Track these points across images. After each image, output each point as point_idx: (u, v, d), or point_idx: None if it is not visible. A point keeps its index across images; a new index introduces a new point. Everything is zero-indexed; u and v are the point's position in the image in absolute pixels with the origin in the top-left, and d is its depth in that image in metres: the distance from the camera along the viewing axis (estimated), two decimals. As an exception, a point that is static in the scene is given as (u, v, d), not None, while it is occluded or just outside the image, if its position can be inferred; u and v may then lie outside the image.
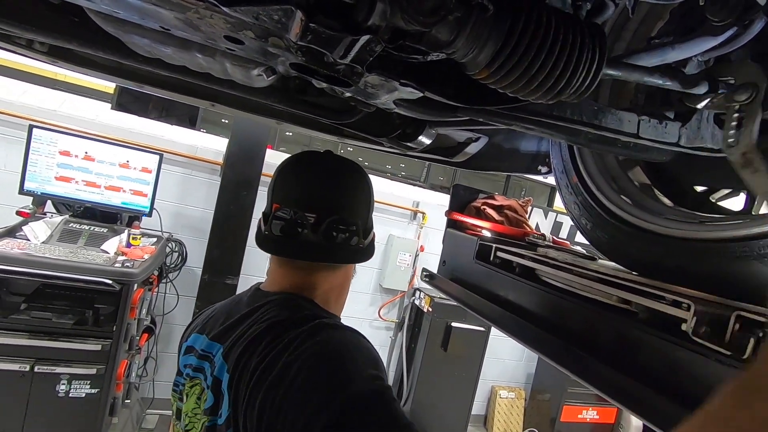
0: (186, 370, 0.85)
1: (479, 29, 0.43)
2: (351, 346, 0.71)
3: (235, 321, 0.81)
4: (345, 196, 0.84)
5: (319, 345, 0.68)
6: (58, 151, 2.49)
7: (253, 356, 0.70)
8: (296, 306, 0.79)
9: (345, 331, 0.75)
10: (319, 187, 0.83)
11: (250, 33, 0.45)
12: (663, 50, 0.68)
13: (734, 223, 0.67)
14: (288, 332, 0.71)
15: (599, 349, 0.76)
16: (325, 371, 0.64)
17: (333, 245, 0.81)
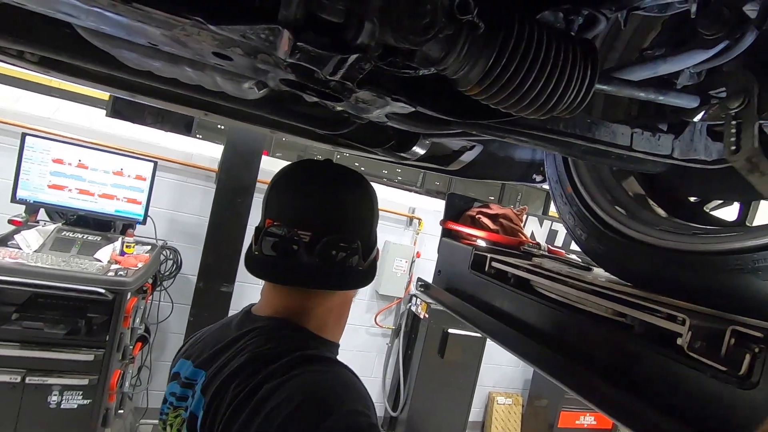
0: (170, 398, 0.79)
1: (470, 47, 0.43)
2: (332, 382, 0.65)
3: (221, 348, 0.75)
4: (344, 211, 0.76)
5: (296, 381, 0.62)
6: (51, 159, 2.47)
7: (228, 393, 0.65)
8: (283, 336, 0.73)
9: (328, 365, 0.68)
10: (316, 202, 0.74)
11: (239, 50, 0.44)
12: (655, 63, 0.69)
13: (727, 236, 0.67)
14: (267, 367, 0.65)
15: (594, 363, 0.76)
16: (302, 406, 0.58)
17: (329, 268, 0.73)
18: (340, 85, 0.49)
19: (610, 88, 0.54)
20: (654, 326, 0.68)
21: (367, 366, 4.03)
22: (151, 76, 0.85)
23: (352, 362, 3.02)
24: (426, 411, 3.74)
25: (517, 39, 0.43)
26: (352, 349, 3.93)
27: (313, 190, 0.76)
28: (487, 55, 0.43)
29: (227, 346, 0.75)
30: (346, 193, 0.77)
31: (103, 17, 0.41)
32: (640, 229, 0.81)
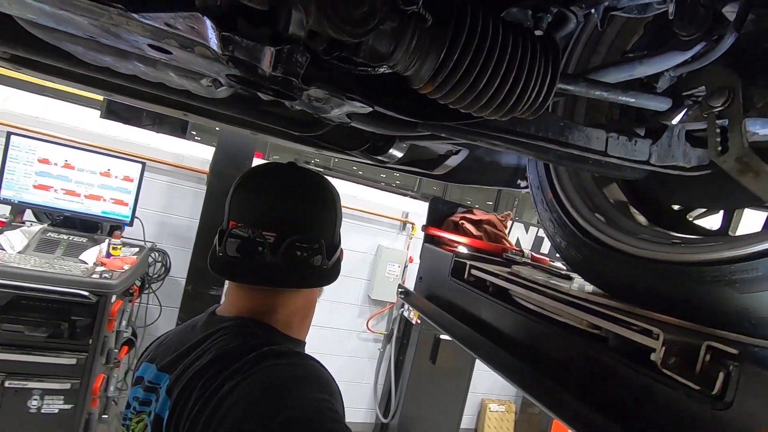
0: (134, 403, 0.79)
1: (419, 41, 0.40)
2: (296, 372, 0.65)
3: (185, 350, 0.75)
4: (308, 212, 0.77)
5: (261, 373, 0.62)
6: (37, 158, 2.44)
7: (193, 392, 0.64)
8: (248, 334, 0.73)
9: (294, 358, 0.69)
10: (280, 204, 0.76)
11: (174, 42, 0.41)
12: (631, 65, 0.66)
13: (705, 246, 0.64)
14: (232, 364, 0.65)
15: (568, 376, 0.72)
16: (264, 396, 0.58)
17: (294, 268, 0.74)
18: (287, 81, 0.46)
19: (574, 89, 0.52)
20: (628, 340, 0.65)
21: (358, 371, 3.98)
22: (119, 76, 0.83)
23: (344, 367, 3.03)
24: (417, 417, 3.70)
25: (469, 33, 0.40)
26: (344, 354, 3.88)
27: (277, 191, 0.77)
28: (436, 50, 0.41)
29: (192, 348, 0.75)
30: (310, 195, 0.79)
31: (24, 4, 0.38)
32: (618, 237, 0.78)
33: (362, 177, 5.58)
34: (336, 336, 3.83)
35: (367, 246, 3.85)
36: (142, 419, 0.75)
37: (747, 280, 0.58)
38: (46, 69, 1.05)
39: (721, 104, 0.61)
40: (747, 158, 0.52)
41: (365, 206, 3.74)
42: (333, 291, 3.74)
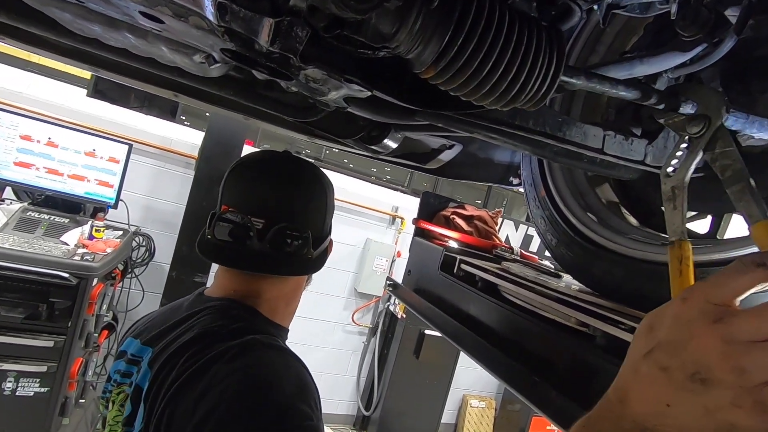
0: (115, 375, 0.80)
1: (423, 22, 0.39)
2: (279, 372, 0.64)
3: (170, 326, 0.76)
4: (297, 202, 0.78)
5: (244, 370, 0.62)
6: (19, 135, 2.36)
7: (175, 367, 0.65)
8: (233, 316, 0.73)
9: (277, 353, 0.68)
10: (270, 191, 0.77)
11: (167, 10, 0.39)
12: (631, 64, 0.66)
13: (694, 248, 0.64)
14: (215, 345, 0.65)
15: (555, 373, 0.73)
16: (247, 403, 0.58)
17: (279, 255, 0.75)
18: (285, 58, 0.45)
19: (577, 81, 0.51)
20: (616, 338, 0.65)
21: (342, 364, 3.98)
22: (108, 49, 0.80)
23: (328, 359, 3.02)
24: (399, 411, 3.72)
25: (475, 18, 0.39)
26: (328, 346, 3.88)
27: (270, 179, 0.78)
28: (441, 33, 0.39)
29: (177, 324, 0.76)
30: (301, 185, 0.80)
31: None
32: (608, 237, 0.78)
33: (353, 170, 5.55)
34: (321, 327, 3.81)
35: (356, 239, 3.84)
36: (123, 390, 0.76)
37: (735, 283, 0.59)
38: (32, 39, 1.01)
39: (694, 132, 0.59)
40: (678, 191, 0.52)
41: (355, 199, 3.73)
42: (319, 283, 3.72)
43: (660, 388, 0.32)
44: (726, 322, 0.29)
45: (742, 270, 0.30)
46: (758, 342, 0.28)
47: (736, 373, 0.28)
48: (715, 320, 0.30)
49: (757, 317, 0.29)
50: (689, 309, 0.32)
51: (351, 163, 6.24)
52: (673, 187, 0.50)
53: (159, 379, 0.65)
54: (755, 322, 0.29)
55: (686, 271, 0.44)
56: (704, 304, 0.31)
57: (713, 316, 0.30)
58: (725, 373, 0.29)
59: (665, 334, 0.33)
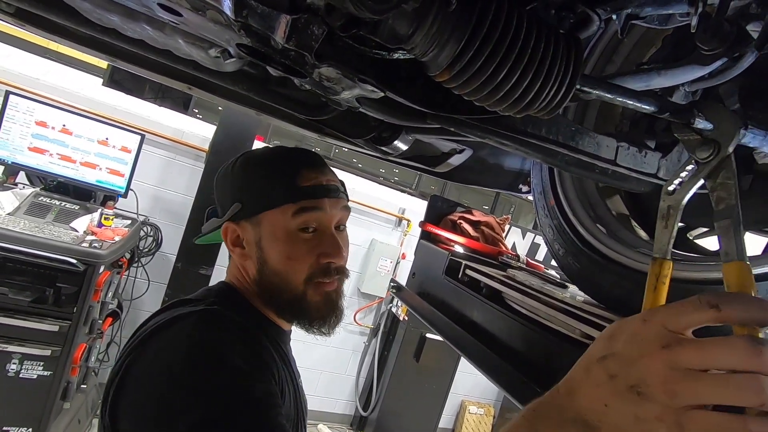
0: None
1: (441, 25, 0.39)
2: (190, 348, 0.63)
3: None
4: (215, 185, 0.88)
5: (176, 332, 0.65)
6: (35, 121, 2.40)
7: (127, 355, 0.67)
8: (211, 288, 0.81)
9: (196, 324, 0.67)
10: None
11: (185, 3, 0.40)
12: (648, 75, 0.65)
13: (704, 265, 0.63)
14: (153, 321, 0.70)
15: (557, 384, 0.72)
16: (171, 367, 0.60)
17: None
18: (300, 56, 0.45)
19: (593, 91, 0.50)
20: (620, 352, 0.64)
21: (342, 363, 3.98)
22: (125, 40, 0.81)
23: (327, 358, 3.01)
24: (396, 413, 3.71)
25: (493, 22, 0.39)
26: (328, 345, 3.88)
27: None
28: (458, 37, 0.39)
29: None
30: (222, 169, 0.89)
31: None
32: (617, 249, 0.77)
33: (362, 170, 5.56)
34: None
35: (361, 239, 3.84)
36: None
37: (745, 302, 0.58)
38: (51, 27, 1.03)
39: (703, 157, 0.58)
40: (673, 211, 0.52)
41: (362, 199, 3.73)
42: (323, 281, 3.72)
43: (603, 391, 0.37)
44: (673, 350, 0.34)
45: (698, 307, 0.34)
46: (694, 371, 0.32)
47: (668, 394, 0.33)
48: (664, 345, 0.34)
49: (699, 350, 0.33)
50: (646, 330, 0.36)
51: (360, 163, 6.24)
52: (669, 206, 0.49)
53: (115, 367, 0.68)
54: (696, 354, 0.33)
55: (660, 289, 0.45)
56: (660, 328, 0.35)
57: (664, 341, 0.34)
58: (659, 392, 0.33)
59: (621, 347, 0.37)
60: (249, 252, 0.79)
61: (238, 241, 0.80)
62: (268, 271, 0.77)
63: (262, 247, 0.77)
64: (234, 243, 0.81)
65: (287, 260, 0.76)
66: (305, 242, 0.77)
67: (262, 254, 0.77)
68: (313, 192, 0.77)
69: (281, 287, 0.77)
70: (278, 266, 0.76)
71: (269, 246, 0.77)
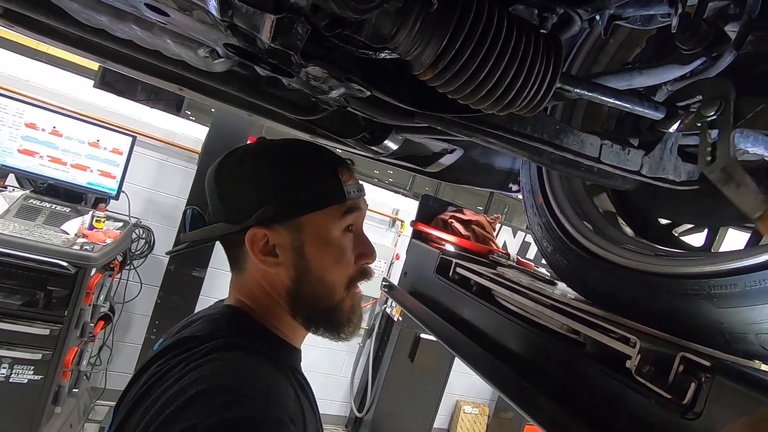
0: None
1: (423, 24, 0.40)
2: (245, 377, 0.57)
3: (177, 329, 0.73)
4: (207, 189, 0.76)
5: (208, 368, 0.56)
6: (24, 122, 2.38)
7: (143, 375, 0.61)
8: (217, 321, 0.69)
9: (249, 360, 0.61)
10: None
11: (172, 3, 0.40)
12: (630, 75, 0.66)
13: (687, 260, 0.65)
14: (188, 350, 0.60)
15: (545, 379, 0.73)
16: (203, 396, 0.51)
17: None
18: (286, 55, 0.45)
19: (575, 89, 0.52)
20: (605, 346, 0.65)
21: (336, 364, 3.98)
22: (115, 40, 0.81)
23: (322, 359, 2.99)
24: (392, 414, 3.71)
25: (474, 21, 0.40)
26: (323, 346, 3.87)
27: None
28: (440, 36, 0.40)
29: (179, 330, 0.72)
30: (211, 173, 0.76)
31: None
32: (603, 246, 0.78)
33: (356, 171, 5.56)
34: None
35: (355, 240, 3.84)
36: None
37: (725, 296, 0.59)
38: (40, 28, 1.02)
39: (713, 113, 0.61)
40: (731, 169, 0.53)
41: (356, 200, 3.73)
42: (317, 282, 3.71)
43: None
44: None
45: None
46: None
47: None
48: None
49: None
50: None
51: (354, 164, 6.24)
52: (723, 168, 0.50)
53: (129, 389, 0.62)
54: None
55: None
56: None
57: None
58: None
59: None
60: (283, 260, 0.69)
61: (269, 248, 0.68)
62: (310, 279, 0.69)
63: (305, 253, 0.68)
64: (264, 251, 0.68)
65: (335, 265, 0.70)
66: (348, 244, 0.72)
67: (304, 261, 0.69)
68: (356, 191, 0.73)
69: (323, 295, 0.71)
70: (323, 272, 0.69)
71: (315, 251, 0.69)
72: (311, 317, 0.73)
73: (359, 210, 0.73)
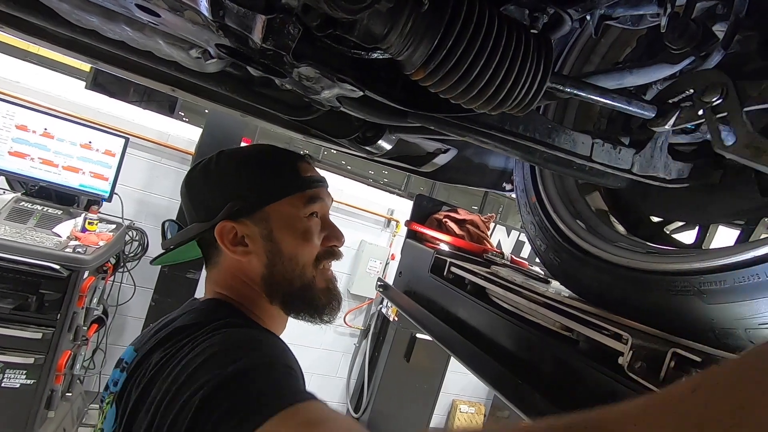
0: (111, 385, 0.78)
1: (414, 25, 0.40)
2: (254, 338, 0.65)
3: (155, 330, 0.76)
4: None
5: (218, 336, 0.62)
6: (15, 124, 2.35)
7: (145, 364, 0.66)
8: (211, 310, 0.74)
9: (252, 329, 0.70)
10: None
11: (162, 3, 0.40)
12: (621, 74, 0.67)
13: (677, 257, 0.65)
14: (193, 334, 0.66)
15: (539, 377, 0.73)
16: (218, 352, 0.58)
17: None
18: (278, 56, 0.45)
19: (564, 88, 0.52)
20: (598, 343, 0.66)
21: (332, 365, 3.97)
22: (106, 41, 0.81)
23: (318, 360, 2.99)
24: (388, 414, 3.71)
25: (465, 22, 0.40)
26: (319, 347, 3.87)
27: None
28: (431, 36, 0.40)
29: (162, 327, 0.76)
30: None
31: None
32: (596, 244, 0.79)
33: (351, 172, 5.55)
34: (312, 328, 3.77)
35: (350, 240, 3.84)
36: (113, 397, 0.75)
37: (714, 292, 0.60)
38: (30, 29, 1.02)
39: (716, 98, 0.61)
40: (757, 142, 0.53)
41: (351, 200, 3.73)
42: (312, 283, 3.71)
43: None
44: None
45: None
46: None
47: None
48: None
49: None
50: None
51: (348, 165, 6.24)
52: (747, 144, 0.50)
53: (132, 378, 0.66)
54: None
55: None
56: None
57: None
58: None
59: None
60: (254, 248, 0.75)
61: (238, 239, 0.76)
62: (282, 260, 0.76)
63: (275, 238, 0.75)
64: (234, 242, 0.75)
65: (304, 244, 0.76)
66: (314, 227, 0.78)
67: (275, 245, 0.75)
68: (316, 182, 0.79)
69: (295, 274, 0.76)
70: (294, 252, 0.76)
71: (283, 235, 0.75)
72: (287, 298, 0.78)
73: (322, 200, 0.80)
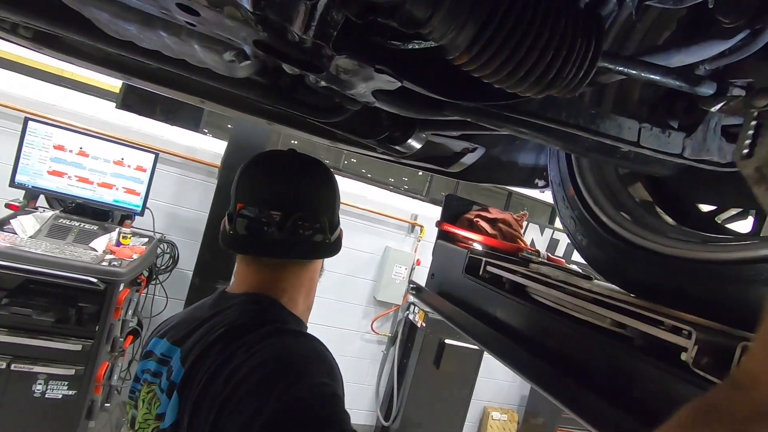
0: (144, 375, 0.82)
1: (458, 6, 0.39)
2: (305, 352, 0.68)
3: (196, 325, 0.78)
4: (310, 193, 0.83)
5: (270, 349, 0.65)
6: (53, 145, 2.46)
7: (206, 361, 0.68)
8: (257, 310, 0.77)
9: (302, 338, 0.72)
10: (284, 185, 0.82)
11: (204, 0, 0.40)
12: (668, 53, 0.63)
13: (741, 245, 0.61)
14: (244, 336, 0.68)
15: (591, 377, 0.70)
16: (272, 374, 0.61)
17: (299, 242, 0.80)
18: (317, 48, 0.45)
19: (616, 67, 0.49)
20: (656, 339, 0.62)
21: (360, 373, 3.95)
22: (141, 52, 0.83)
23: (346, 368, 2.95)
24: (419, 422, 3.65)
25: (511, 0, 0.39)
26: (347, 355, 3.85)
27: (281, 174, 0.83)
28: (476, 17, 0.39)
29: (203, 323, 0.78)
30: (311, 177, 0.85)
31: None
32: (645, 235, 0.75)
33: (371, 179, 5.57)
34: (340, 336, 3.80)
35: (375, 247, 3.83)
36: (153, 390, 0.77)
37: (786, 280, 0.55)
38: (67, 49, 1.06)
39: (763, 105, 0.57)
40: (766, 169, 0.49)
41: (374, 207, 3.73)
42: (338, 291, 3.72)
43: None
44: None
45: None
46: None
47: None
48: None
49: None
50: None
51: (369, 173, 6.25)
52: (757, 167, 0.46)
53: (192, 374, 0.68)
54: None
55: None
56: None
57: None
58: None
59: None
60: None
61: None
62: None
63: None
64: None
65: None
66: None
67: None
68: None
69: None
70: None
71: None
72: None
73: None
